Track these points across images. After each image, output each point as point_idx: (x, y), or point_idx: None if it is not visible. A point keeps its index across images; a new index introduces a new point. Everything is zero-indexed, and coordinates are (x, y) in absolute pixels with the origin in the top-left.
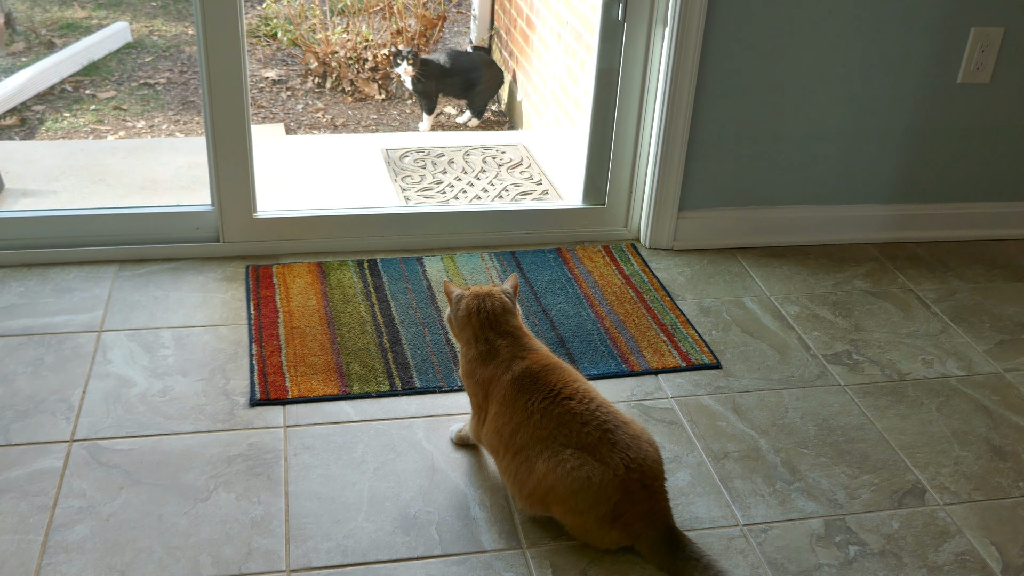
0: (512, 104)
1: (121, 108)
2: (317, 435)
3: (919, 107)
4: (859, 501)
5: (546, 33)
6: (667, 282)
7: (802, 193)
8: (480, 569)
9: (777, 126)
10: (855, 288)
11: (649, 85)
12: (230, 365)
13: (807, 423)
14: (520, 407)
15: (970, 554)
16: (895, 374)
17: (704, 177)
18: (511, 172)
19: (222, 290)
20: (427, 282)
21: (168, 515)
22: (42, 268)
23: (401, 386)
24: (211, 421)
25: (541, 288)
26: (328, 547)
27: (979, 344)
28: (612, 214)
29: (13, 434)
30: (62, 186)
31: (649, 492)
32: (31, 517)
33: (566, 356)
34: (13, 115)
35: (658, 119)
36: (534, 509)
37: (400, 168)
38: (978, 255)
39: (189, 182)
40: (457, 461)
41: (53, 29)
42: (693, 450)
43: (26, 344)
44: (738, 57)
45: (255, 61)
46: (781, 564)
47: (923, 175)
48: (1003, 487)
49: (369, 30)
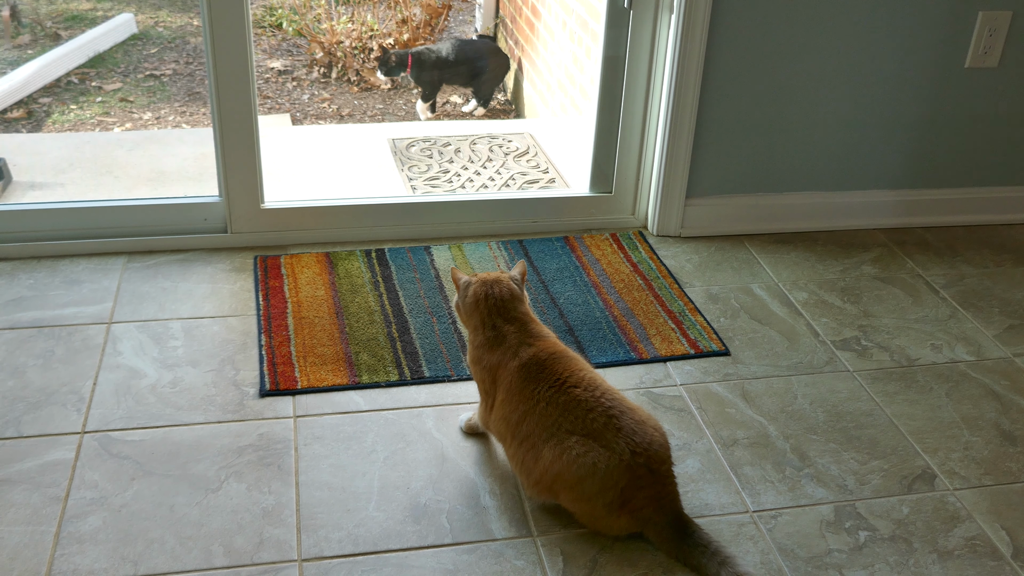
0: (518, 92)
1: (127, 100)
2: (327, 425)
3: (927, 92)
4: (869, 487)
5: (551, 21)
6: (675, 269)
7: (810, 179)
8: (491, 557)
9: (784, 112)
10: (863, 274)
11: (656, 72)
12: (239, 356)
13: (816, 409)
14: (527, 395)
15: (980, 539)
16: (904, 360)
17: (711, 164)
18: (518, 161)
19: (230, 281)
20: (435, 271)
21: (180, 506)
22: (51, 260)
23: (410, 375)
24: (221, 412)
25: (549, 276)
26: (339, 536)
27: (988, 329)
28: (619, 202)
29: (25, 426)
30: (69, 178)
31: (656, 477)
32: (44, 508)
33: (574, 344)
34: (20, 108)
35: (665, 106)
36: (542, 496)
37: (407, 157)
38: (987, 240)
39: (196, 173)
40: (467, 450)
41: (58, 21)
42: (702, 437)
43: (36, 336)
44: (745, 43)
45: (260, 52)
46: (791, 550)
47: (931, 160)
48: (1013, 472)
49: (374, 19)
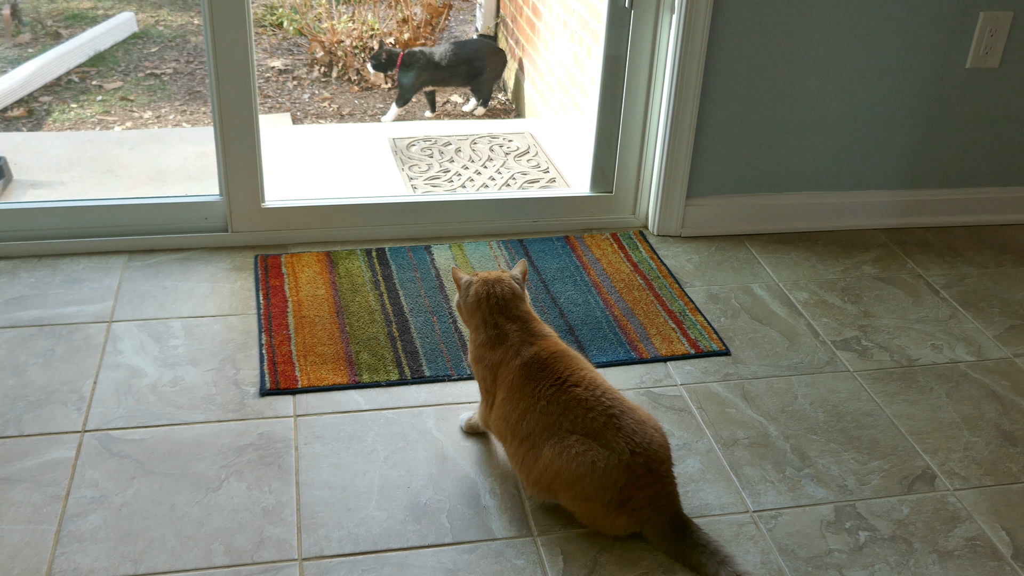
0: (519, 92)
1: (128, 99)
2: (327, 424)
3: (928, 92)
4: (869, 487)
5: (552, 21)
6: (675, 269)
7: (810, 179)
8: (491, 557)
9: (786, 112)
10: (864, 274)
11: (657, 72)
12: (240, 355)
13: (816, 409)
14: (527, 394)
15: (980, 539)
16: (904, 360)
17: (712, 164)
18: (518, 160)
19: (231, 280)
20: (436, 271)
21: (180, 505)
22: (52, 259)
23: (411, 375)
24: (221, 411)
25: (549, 276)
26: (339, 535)
27: (988, 329)
28: (620, 201)
29: (25, 425)
30: (70, 177)
31: (655, 477)
32: (44, 507)
33: (575, 344)
34: (20, 106)
35: (666, 106)
36: (542, 496)
37: (407, 157)
38: (987, 240)
39: (197, 172)
40: (467, 449)
41: (59, 20)
42: (702, 437)
43: (37, 335)
44: (746, 43)
45: (261, 51)
46: (791, 550)
47: (932, 160)
48: (1013, 472)
49: (375, 19)
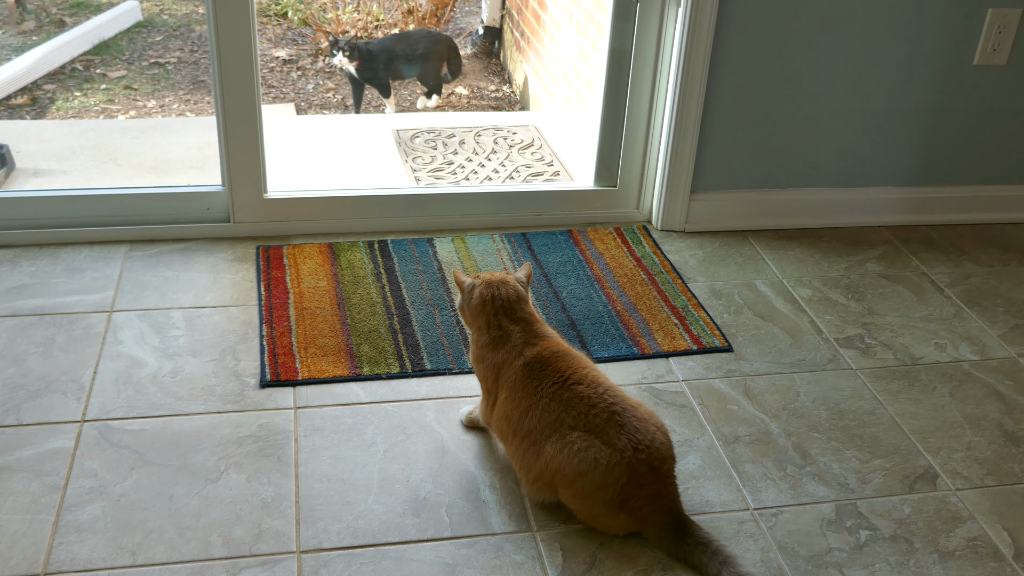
0: (523, 85)
1: (131, 87)
2: (327, 416)
3: (935, 89)
4: (870, 486)
5: (558, 13)
6: (679, 264)
7: (815, 176)
8: (490, 552)
9: (791, 108)
10: (868, 271)
11: (662, 65)
12: (240, 346)
13: (818, 407)
14: (530, 392)
15: (982, 539)
16: (908, 358)
17: (717, 159)
18: (522, 153)
19: (232, 271)
20: (438, 263)
21: (179, 496)
22: (53, 248)
23: (411, 368)
24: (221, 402)
25: (552, 270)
26: (338, 529)
27: (993, 328)
28: (624, 196)
29: (24, 414)
30: (72, 166)
31: (657, 475)
32: (43, 497)
33: (577, 339)
34: (24, 94)
35: (671, 100)
36: (542, 493)
37: (411, 149)
38: (992, 239)
39: (199, 162)
40: (467, 443)
41: (63, 8)
42: (704, 434)
43: (37, 324)
44: (752, 37)
45: (265, 41)
46: (792, 549)
47: (938, 158)
48: (1016, 472)
49: (380, 9)
